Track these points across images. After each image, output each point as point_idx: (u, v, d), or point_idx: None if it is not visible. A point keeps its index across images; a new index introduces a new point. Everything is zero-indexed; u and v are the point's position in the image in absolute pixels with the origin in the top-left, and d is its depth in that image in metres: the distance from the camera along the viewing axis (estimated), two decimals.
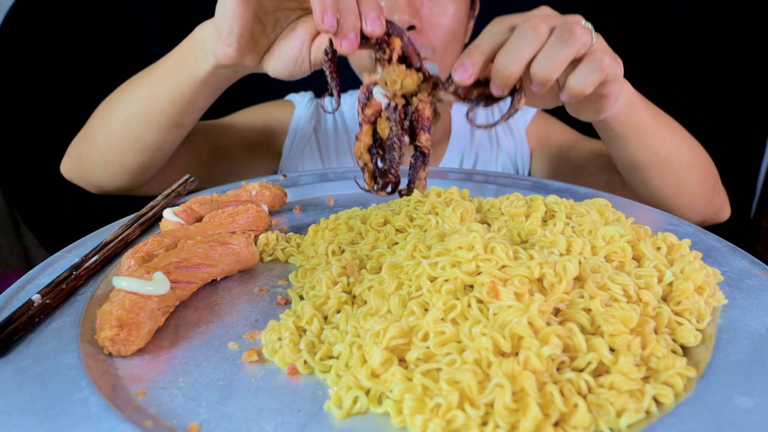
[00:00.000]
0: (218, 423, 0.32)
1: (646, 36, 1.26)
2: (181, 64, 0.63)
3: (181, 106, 0.65)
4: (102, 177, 0.75)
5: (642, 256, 0.44)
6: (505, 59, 0.47)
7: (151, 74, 0.66)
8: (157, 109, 0.65)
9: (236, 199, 0.58)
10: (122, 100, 0.69)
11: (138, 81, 0.68)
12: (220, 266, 0.46)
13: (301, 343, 0.38)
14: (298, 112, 0.99)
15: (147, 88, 0.66)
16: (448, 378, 0.31)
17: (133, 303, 0.38)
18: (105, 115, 0.71)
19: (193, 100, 0.65)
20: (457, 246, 0.40)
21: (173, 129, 0.68)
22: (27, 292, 0.44)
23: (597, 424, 0.30)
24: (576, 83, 0.48)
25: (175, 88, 0.64)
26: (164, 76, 0.64)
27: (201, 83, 0.62)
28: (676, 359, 0.34)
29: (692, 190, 0.68)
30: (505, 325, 0.34)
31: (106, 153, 0.71)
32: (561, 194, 0.62)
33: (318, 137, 0.98)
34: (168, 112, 0.65)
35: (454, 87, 0.51)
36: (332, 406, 0.33)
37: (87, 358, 0.36)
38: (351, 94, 1.05)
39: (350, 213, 0.54)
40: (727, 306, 0.41)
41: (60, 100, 1.25)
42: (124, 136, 0.68)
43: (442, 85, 0.52)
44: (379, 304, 0.39)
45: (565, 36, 0.46)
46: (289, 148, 0.96)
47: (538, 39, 0.47)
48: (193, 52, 0.61)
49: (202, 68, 0.61)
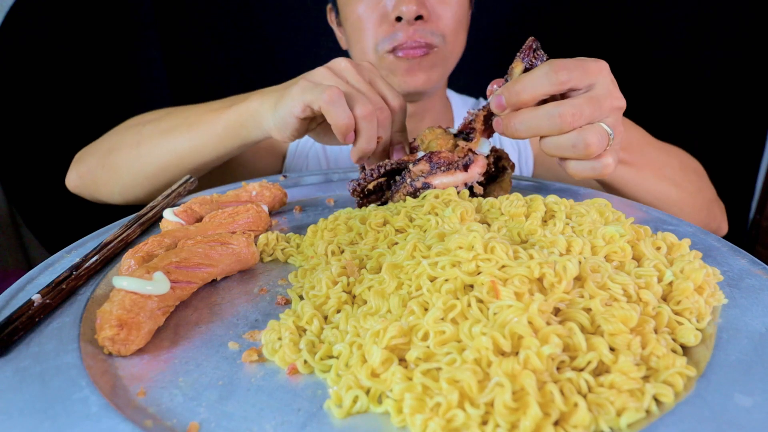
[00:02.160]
0: (218, 422, 0.32)
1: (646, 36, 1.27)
2: (233, 134, 0.66)
3: (222, 161, 0.70)
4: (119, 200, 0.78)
5: (642, 256, 0.44)
6: (522, 124, 0.51)
7: (195, 132, 0.68)
8: (201, 162, 0.69)
9: (236, 200, 0.58)
10: (159, 148, 0.70)
11: (180, 134, 0.69)
12: (220, 266, 0.46)
13: (301, 343, 0.38)
14: None
15: (190, 144, 0.68)
16: (448, 377, 0.31)
17: (133, 303, 0.38)
18: (134, 157, 0.72)
19: (234, 155, 0.70)
20: (457, 246, 0.40)
21: (207, 171, 0.72)
22: (27, 292, 0.44)
23: (597, 423, 0.30)
24: (572, 169, 0.52)
25: (222, 150, 0.68)
26: (213, 139, 0.67)
27: (245, 147, 0.67)
28: (676, 358, 0.34)
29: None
30: (505, 324, 0.34)
31: (132, 188, 0.74)
32: (561, 194, 0.62)
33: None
34: (211, 164, 0.70)
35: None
36: (332, 406, 0.33)
37: (87, 358, 0.36)
38: None
39: (349, 213, 0.54)
40: (727, 305, 0.41)
41: (60, 101, 1.25)
42: (156, 179, 0.72)
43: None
44: (379, 304, 0.39)
45: (580, 147, 0.49)
46: (294, 149, 0.96)
47: (558, 130, 0.49)
48: (247, 127, 0.65)
49: (254, 137, 0.65)
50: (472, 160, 0.54)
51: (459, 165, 0.54)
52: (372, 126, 0.56)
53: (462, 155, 0.55)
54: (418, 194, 0.54)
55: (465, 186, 0.55)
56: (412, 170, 0.55)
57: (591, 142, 0.49)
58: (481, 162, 0.55)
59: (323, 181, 0.72)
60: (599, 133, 0.49)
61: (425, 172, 0.54)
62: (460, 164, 0.54)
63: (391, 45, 0.80)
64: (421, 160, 0.55)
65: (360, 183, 0.58)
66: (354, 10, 0.82)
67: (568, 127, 0.49)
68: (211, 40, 1.25)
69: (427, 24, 0.79)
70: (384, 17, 0.79)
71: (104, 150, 0.76)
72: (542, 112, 0.50)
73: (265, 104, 0.62)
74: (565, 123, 0.48)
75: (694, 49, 1.27)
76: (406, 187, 0.55)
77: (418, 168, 0.55)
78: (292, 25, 1.25)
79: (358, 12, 0.81)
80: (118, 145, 0.74)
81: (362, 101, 0.56)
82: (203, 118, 0.68)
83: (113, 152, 0.74)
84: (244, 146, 0.67)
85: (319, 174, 0.74)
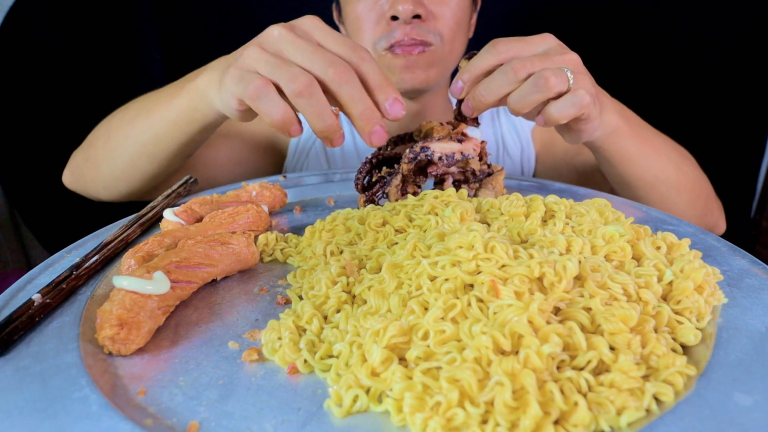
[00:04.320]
0: (218, 421, 0.32)
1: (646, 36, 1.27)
2: (188, 119, 0.62)
3: (190, 146, 0.67)
4: (107, 197, 0.77)
5: (642, 256, 0.44)
6: (484, 89, 0.53)
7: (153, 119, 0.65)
8: (166, 150, 0.67)
9: (236, 200, 0.58)
10: (126, 138, 0.68)
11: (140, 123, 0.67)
12: (221, 266, 0.46)
13: (301, 343, 0.38)
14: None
15: (152, 133, 0.65)
16: (448, 376, 0.31)
17: (133, 302, 0.38)
18: (108, 150, 0.71)
19: (202, 139, 0.67)
20: (457, 245, 0.40)
21: (182, 159, 0.70)
22: (27, 292, 0.44)
23: (597, 422, 0.30)
24: (553, 112, 0.53)
25: (183, 136, 0.64)
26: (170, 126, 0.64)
27: (209, 128, 0.63)
28: (676, 358, 0.34)
29: (680, 210, 0.71)
30: (505, 323, 0.34)
31: (113, 181, 0.73)
32: (561, 194, 0.62)
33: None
34: (178, 152, 0.67)
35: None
36: (332, 405, 0.33)
37: (87, 357, 0.36)
38: None
39: (347, 214, 0.54)
40: (727, 305, 0.41)
41: (60, 101, 1.25)
42: (130, 171, 0.70)
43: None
44: (379, 303, 0.39)
45: (540, 83, 0.51)
46: (294, 149, 0.96)
47: (515, 81, 0.52)
48: (200, 109, 0.60)
49: (210, 120, 0.61)
50: (464, 139, 0.56)
51: (453, 139, 0.55)
52: (313, 101, 0.46)
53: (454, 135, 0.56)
54: (419, 159, 0.54)
55: (462, 155, 0.55)
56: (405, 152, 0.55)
57: (548, 76, 0.50)
58: (474, 141, 0.56)
59: (323, 181, 0.72)
60: (555, 71, 0.51)
61: None
62: (454, 139, 0.56)
63: (388, 43, 0.80)
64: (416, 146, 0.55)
65: (358, 177, 0.59)
66: (354, 9, 0.83)
67: (522, 75, 0.51)
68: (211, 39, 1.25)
69: (424, 23, 0.79)
70: (382, 16, 0.80)
71: (86, 144, 0.76)
72: (497, 72, 0.53)
73: (212, 83, 0.56)
74: (519, 72, 0.51)
75: (694, 49, 1.27)
76: (406, 155, 0.55)
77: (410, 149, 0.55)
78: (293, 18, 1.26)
79: (358, 11, 0.82)
80: (94, 139, 0.74)
81: (291, 76, 0.46)
82: (159, 103, 0.65)
83: (91, 146, 0.74)
84: (205, 131, 0.63)
85: (319, 174, 0.74)
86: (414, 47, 0.80)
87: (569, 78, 0.52)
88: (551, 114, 0.53)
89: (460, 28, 0.84)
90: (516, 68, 0.51)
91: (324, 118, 0.47)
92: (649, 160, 0.67)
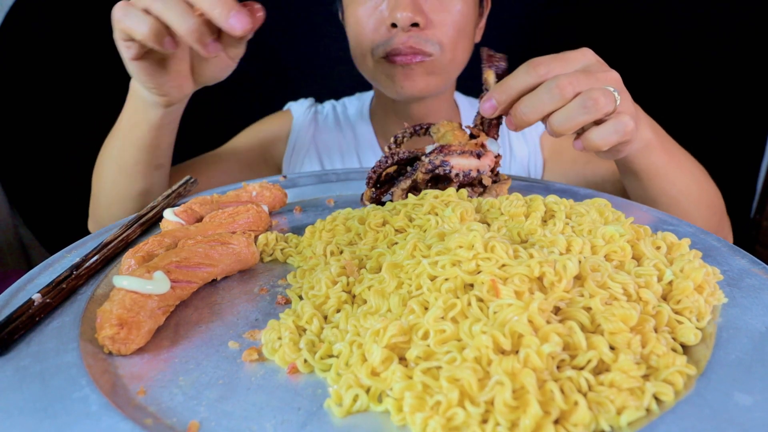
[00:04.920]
0: (218, 421, 0.32)
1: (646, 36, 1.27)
2: (134, 123, 0.67)
3: (151, 152, 0.69)
4: None
5: (642, 256, 0.44)
6: (527, 107, 0.51)
7: (116, 134, 0.71)
8: (132, 161, 0.70)
9: (236, 200, 0.58)
10: (104, 162, 0.74)
11: (110, 142, 0.72)
12: (221, 266, 0.46)
13: (301, 342, 0.38)
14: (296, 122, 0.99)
15: (117, 147, 0.70)
16: (448, 376, 0.31)
17: (133, 302, 0.38)
18: (97, 179, 0.76)
19: (158, 142, 0.69)
20: (457, 245, 0.40)
21: (155, 171, 0.72)
22: (27, 292, 0.44)
23: (597, 421, 0.30)
24: (596, 139, 0.51)
25: (139, 141, 0.68)
26: (125, 135, 0.69)
27: (158, 127, 0.67)
28: (676, 357, 0.34)
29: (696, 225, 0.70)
30: (505, 323, 0.34)
31: (109, 208, 0.75)
32: (561, 194, 0.62)
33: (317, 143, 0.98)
34: (144, 160, 0.70)
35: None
36: (332, 405, 0.33)
37: (87, 357, 0.36)
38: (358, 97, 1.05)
39: (347, 214, 0.54)
40: (727, 305, 0.41)
41: (60, 101, 1.25)
42: (116, 191, 0.73)
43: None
44: (379, 303, 0.39)
45: (588, 104, 0.49)
46: (288, 159, 0.96)
47: (561, 99, 0.50)
48: (140, 110, 0.66)
49: (154, 117, 0.65)
50: (483, 153, 0.55)
51: (473, 153, 0.55)
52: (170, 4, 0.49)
53: (474, 148, 0.55)
54: (437, 172, 0.54)
55: (478, 172, 0.55)
56: (424, 160, 0.55)
57: (597, 97, 0.48)
58: (491, 156, 0.56)
59: (323, 181, 0.72)
60: (603, 92, 0.49)
61: None
62: (474, 153, 0.55)
63: (385, 51, 0.79)
64: (433, 151, 0.55)
65: (375, 171, 0.58)
66: (353, 13, 0.82)
67: (569, 93, 0.49)
68: None
69: (423, 32, 0.78)
70: (381, 22, 0.78)
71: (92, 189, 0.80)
72: (541, 89, 0.50)
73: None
74: (565, 90, 0.49)
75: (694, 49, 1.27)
76: (424, 164, 0.55)
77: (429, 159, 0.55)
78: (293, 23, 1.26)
79: (358, 14, 0.81)
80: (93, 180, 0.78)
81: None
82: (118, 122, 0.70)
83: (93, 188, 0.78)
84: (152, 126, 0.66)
85: (319, 174, 0.74)
86: (410, 56, 0.78)
87: (616, 99, 0.50)
88: (592, 140, 0.51)
89: (461, 36, 0.82)
90: (562, 86, 0.49)
91: (186, 16, 0.49)
92: (676, 176, 0.65)
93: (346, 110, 1.03)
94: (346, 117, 1.01)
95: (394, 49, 0.78)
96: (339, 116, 1.02)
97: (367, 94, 1.04)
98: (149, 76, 0.59)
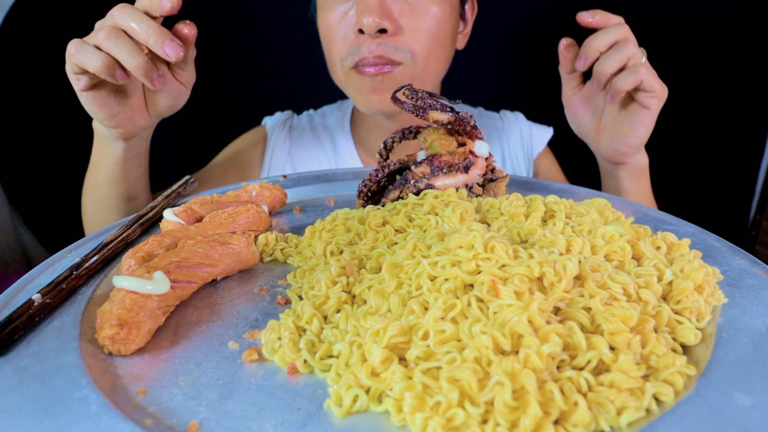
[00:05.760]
0: (218, 421, 0.32)
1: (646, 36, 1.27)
2: (100, 157, 0.71)
3: (120, 185, 0.72)
4: None
5: (642, 256, 0.44)
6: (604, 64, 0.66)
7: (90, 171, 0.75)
8: (105, 194, 0.73)
9: (236, 200, 0.58)
10: (85, 194, 0.77)
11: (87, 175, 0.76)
12: (221, 266, 0.46)
13: (300, 343, 0.38)
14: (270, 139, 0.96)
15: (92, 182, 0.74)
16: (448, 376, 0.31)
17: (133, 302, 0.38)
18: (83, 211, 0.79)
19: (126, 175, 0.72)
20: (457, 245, 0.40)
21: (128, 203, 0.75)
22: (27, 292, 0.44)
23: (597, 422, 0.30)
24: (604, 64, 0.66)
25: (107, 174, 0.71)
26: (96, 169, 0.72)
27: (123, 161, 0.70)
28: (676, 357, 0.34)
29: None
30: (505, 323, 0.34)
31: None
32: (561, 194, 0.62)
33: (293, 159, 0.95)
34: (114, 193, 0.73)
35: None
36: (332, 405, 0.33)
37: (87, 357, 0.36)
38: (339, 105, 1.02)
39: (347, 214, 0.54)
40: (727, 305, 0.41)
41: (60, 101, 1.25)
42: (97, 221, 0.76)
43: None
44: (379, 303, 0.39)
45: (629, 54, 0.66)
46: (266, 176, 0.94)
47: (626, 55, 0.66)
48: (102, 145, 0.70)
49: (116, 151, 0.69)
50: (472, 162, 0.55)
51: (460, 167, 0.55)
52: (119, 42, 0.56)
53: (462, 158, 0.55)
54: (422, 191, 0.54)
55: (465, 187, 0.55)
56: (414, 171, 0.55)
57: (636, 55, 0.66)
58: (481, 164, 0.56)
59: (323, 181, 0.72)
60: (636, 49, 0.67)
61: (426, 174, 0.55)
62: (461, 166, 0.55)
63: (353, 61, 0.75)
64: (423, 162, 0.55)
65: (366, 184, 0.58)
66: (325, 19, 0.78)
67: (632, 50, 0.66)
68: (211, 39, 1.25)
69: (392, 38, 0.73)
70: (350, 29, 0.75)
71: None
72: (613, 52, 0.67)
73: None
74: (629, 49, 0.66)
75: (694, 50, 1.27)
76: (409, 187, 0.55)
77: (419, 170, 0.55)
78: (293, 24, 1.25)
79: (328, 21, 0.77)
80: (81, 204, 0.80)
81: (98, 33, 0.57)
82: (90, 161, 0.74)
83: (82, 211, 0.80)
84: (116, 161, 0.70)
85: (319, 174, 0.74)
86: (377, 67, 0.75)
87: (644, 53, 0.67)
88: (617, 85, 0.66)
89: (437, 43, 0.77)
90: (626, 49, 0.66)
91: (134, 54, 0.56)
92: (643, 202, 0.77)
93: (325, 120, 0.99)
94: (325, 128, 0.97)
95: (362, 59, 0.75)
96: (317, 128, 0.98)
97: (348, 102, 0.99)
98: (100, 107, 0.62)
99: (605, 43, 0.66)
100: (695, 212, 0.97)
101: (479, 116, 1.03)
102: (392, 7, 0.73)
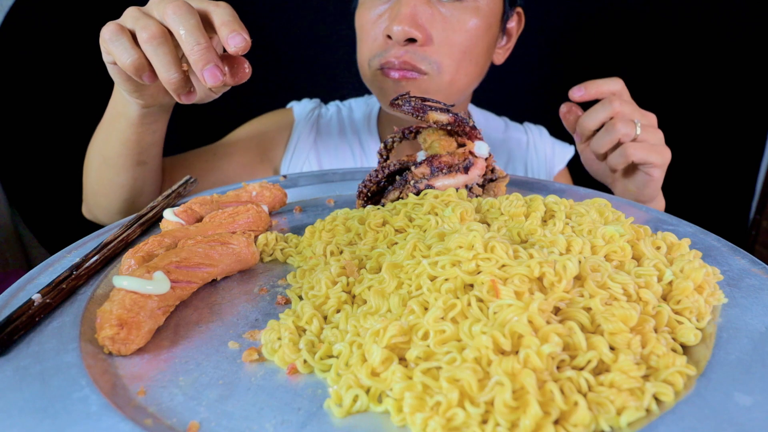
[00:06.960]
0: (218, 421, 0.32)
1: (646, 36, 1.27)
2: (115, 115, 0.68)
3: (132, 147, 0.69)
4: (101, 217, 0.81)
5: (642, 256, 0.44)
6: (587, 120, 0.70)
7: (102, 124, 0.72)
8: (114, 153, 0.70)
9: (236, 200, 0.58)
10: (92, 151, 0.75)
11: (97, 132, 0.74)
12: (221, 266, 0.46)
13: (300, 343, 0.38)
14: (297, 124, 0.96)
15: (102, 138, 0.71)
16: (448, 376, 0.31)
17: (133, 302, 0.38)
18: (86, 167, 0.77)
19: (140, 139, 0.69)
20: (457, 245, 0.40)
21: (137, 167, 0.72)
22: (27, 292, 0.44)
23: (597, 422, 0.30)
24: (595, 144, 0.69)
25: (120, 134, 0.69)
26: (108, 126, 0.70)
27: (138, 125, 0.67)
28: (676, 357, 0.34)
29: None
30: (505, 323, 0.34)
31: (95, 196, 0.77)
32: (561, 194, 0.62)
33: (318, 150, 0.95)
34: (124, 154, 0.70)
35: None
36: (332, 405, 0.33)
37: (87, 357, 0.36)
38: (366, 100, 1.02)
39: (347, 214, 0.54)
40: (727, 305, 0.41)
41: (60, 101, 1.25)
42: (100, 181, 0.74)
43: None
44: (379, 303, 0.39)
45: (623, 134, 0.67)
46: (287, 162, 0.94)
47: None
48: (120, 103, 0.66)
49: (132, 114, 0.66)
50: (472, 162, 0.55)
51: (460, 168, 0.55)
52: (161, 50, 0.51)
53: (462, 159, 0.55)
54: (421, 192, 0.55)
55: (465, 187, 0.55)
56: (414, 172, 0.55)
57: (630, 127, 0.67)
58: (481, 164, 0.56)
59: (323, 181, 0.72)
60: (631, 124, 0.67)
61: (426, 174, 0.55)
62: (461, 167, 0.55)
63: (380, 63, 0.76)
64: (423, 163, 0.55)
65: (366, 185, 0.58)
66: (360, 17, 0.80)
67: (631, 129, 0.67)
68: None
69: (421, 48, 0.73)
70: (381, 32, 0.76)
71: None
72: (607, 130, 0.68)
73: None
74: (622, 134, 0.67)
75: (694, 50, 1.27)
76: (409, 188, 0.55)
77: (419, 170, 0.55)
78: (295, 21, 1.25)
79: (362, 21, 0.79)
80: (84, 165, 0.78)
81: (145, 25, 0.51)
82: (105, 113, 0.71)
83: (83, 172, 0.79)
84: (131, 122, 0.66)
85: (319, 174, 0.74)
86: (402, 72, 0.75)
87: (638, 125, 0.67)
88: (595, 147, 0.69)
89: (467, 58, 0.77)
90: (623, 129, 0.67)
91: (171, 69, 0.52)
92: None
93: (352, 114, 0.99)
94: (352, 122, 0.98)
95: (388, 62, 0.75)
96: (344, 120, 0.98)
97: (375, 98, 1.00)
98: (125, 81, 0.60)
99: (595, 124, 0.69)
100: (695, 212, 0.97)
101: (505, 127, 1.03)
102: (425, 17, 0.73)
